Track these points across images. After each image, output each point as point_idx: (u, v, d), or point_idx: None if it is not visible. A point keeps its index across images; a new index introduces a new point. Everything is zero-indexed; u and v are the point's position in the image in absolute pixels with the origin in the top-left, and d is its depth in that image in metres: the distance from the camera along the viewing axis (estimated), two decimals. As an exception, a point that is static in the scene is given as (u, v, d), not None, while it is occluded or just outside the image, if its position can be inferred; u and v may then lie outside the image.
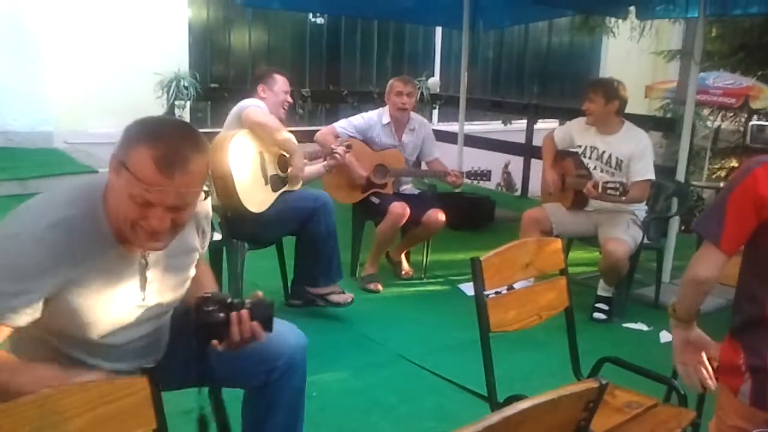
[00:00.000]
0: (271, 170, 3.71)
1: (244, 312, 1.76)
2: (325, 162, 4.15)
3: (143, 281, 1.74)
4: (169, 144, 1.54)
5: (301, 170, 3.79)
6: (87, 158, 7.20)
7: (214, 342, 1.76)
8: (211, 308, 1.76)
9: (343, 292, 3.91)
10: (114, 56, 7.56)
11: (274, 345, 1.94)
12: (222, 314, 1.77)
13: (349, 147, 4.28)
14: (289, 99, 3.97)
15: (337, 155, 4.12)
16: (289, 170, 3.77)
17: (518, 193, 8.38)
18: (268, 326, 1.82)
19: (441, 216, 4.47)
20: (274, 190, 3.71)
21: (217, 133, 3.78)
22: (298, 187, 3.85)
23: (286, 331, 2.03)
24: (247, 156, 3.58)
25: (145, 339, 1.84)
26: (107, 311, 1.68)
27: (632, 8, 6.28)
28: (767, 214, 1.62)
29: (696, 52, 4.63)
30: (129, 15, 7.63)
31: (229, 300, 1.79)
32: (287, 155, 3.75)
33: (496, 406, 2.09)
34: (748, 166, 1.66)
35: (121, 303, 1.71)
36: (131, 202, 1.54)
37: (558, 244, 2.36)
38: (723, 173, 10.15)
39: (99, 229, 1.62)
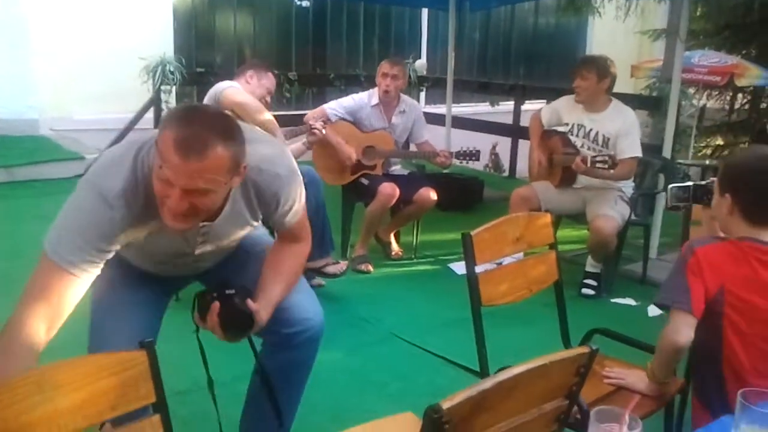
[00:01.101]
0: None
1: (215, 305, 1.86)
2: (305, 140, 4.18)
3: (194, 243, 1.93)
4: (193, 129, 1.60)
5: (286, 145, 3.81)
6: (73, 144, 7.17)
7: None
8: (214, 289, 1.88)
9: (337, 262, 3.95)
10: (99, 42, 7.51)
11: (305, 312, 2.11)
12: (210, 297, 1.87)
13: (325, 122, 4.30)
14: (268, 99, 3.98)
15: (315, 131, 4.14)
16: None
17: (506, 174, 8.41)
18: (230, 330, 1.89)
19: (432, 194, 4.49)
20: None
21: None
22: None
23: (316, 306, 2.17)
24: None
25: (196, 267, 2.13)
26: (160, 256, 2.01)
27: (618, -13, 6.29)
28: (710, 295, 1.82)
29: (681, 31, 4.66)
30: (113, 0, 7.57)
31: (227, 290, 1.88)
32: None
33: (488, 378, 2.12)
34: (691, 245, 1.87)
35: (173, 255, 1.98)
36: (157, 178, 1.64)
37: (547, 218, 2.39)
38: (708, 151, 10.24)
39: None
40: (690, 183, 2.17)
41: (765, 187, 1.84)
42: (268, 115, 3.72)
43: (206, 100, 3.78)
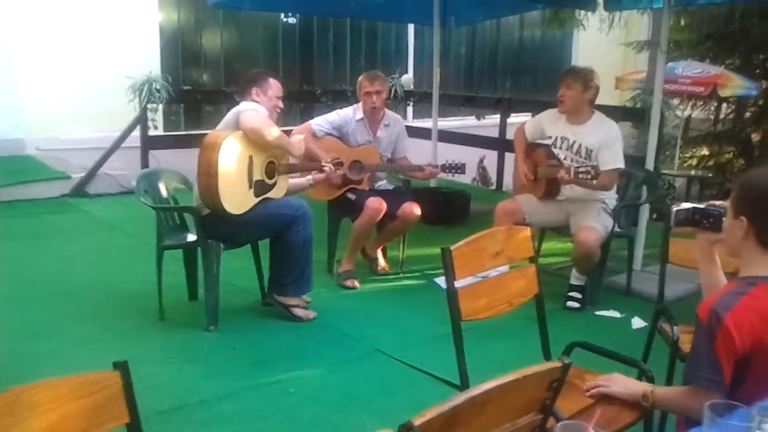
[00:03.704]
0: (257, 175, 3.70)
1: None
2: (311, 177, 4.16)
3: None
4: None
5: (301, 151, 3.83)
6: (60, 164, 7.16)
7: None
8: None
9: (306, 308, 3.94)
10: (85, 61, 7.52)
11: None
12: None
13: (339, 164, 4.30)
14: (281, 104, 3.93)
15: (325, 168, 4.14)
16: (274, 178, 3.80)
17: (494, 187, 8.44)
18: None
19: (416, 209, 4.50)
20: (256, 195, 3.70)
21: (191, 135, 3.78)
22: (281, 195, 3.85)
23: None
24: (237, 158, 3.58)
25: None
26: None
27: (600, 0, 6.35)
28: (739, 357, 1.72)
29: (662, 42, 4.71)
30: (99, 20, 7.59)
31: None
32: (276, 162, 3.76)
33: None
34: (716, 314, 1.71)
35: None
36: None
37: (527, 232, 2.40)
38: (694, 161, 10.30)
39: None
40: (691, 205, 2.10)
41: None
42: (275, 131, 3.66)
43: (229, 116, 3.73)
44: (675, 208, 2.06)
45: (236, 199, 3.59)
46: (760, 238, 1.78)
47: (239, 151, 3.58)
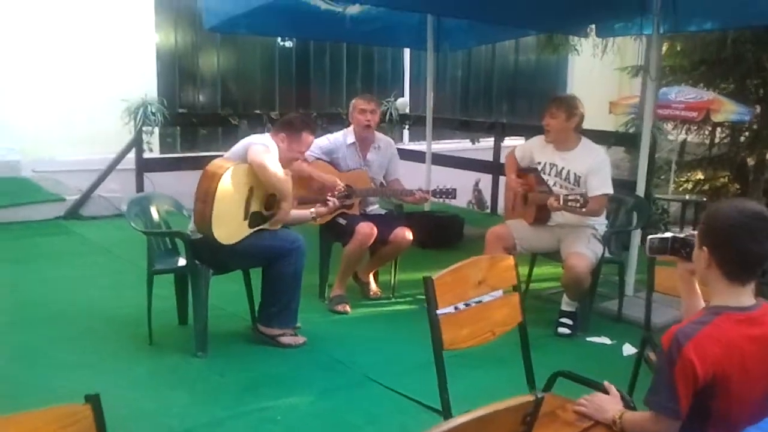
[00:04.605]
0: (255, 207, 3.70)
1: None
2: (314, 209, 4.16)
3: None
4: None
5: (287, 214, 3.79)
6: (55, 186, 7.18)
7: None
8: None
9: (295, 334, 3.92)
10: (82, 84, 7.56)
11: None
12: None
13: (347, 197, 4.33)
14: (300, 158, 3.97)
15: (329, 202, 4.16)
16: (275, 210, 3.77)
17: (488, 210, 8.46)
18: None
19: (408, 234, 4.51)
20: (251, 226, 3.70)
21: (187, 158, 3.79)
22: (278, 227, 3.85)
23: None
24: (236, 189, 3.58)
25: None
26: None
27: (592, 27, 6.41)
28: (700, 386, 1.75)
29: (651, 69, 4.75)
30: (96, 42, 7.65)
31: None
32: (277, 197, 3.76)
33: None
34: (678, 341, 1.74)
35: None
36: None
37: (510, 261, 2.41)
38: (689, 185, 10.32)
39: None
40: (669, 234, 2.12)
41: (744, 245, 1.76)
42: (280, 174, 3.64)
43: (239, 147, 3.74)
44: (649, 237, 2.09)
45: (229, 229, 3.59)
46: (722, 269, 1.81)
47: (239, 182, 3.59)
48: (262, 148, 3.65)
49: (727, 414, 1.78)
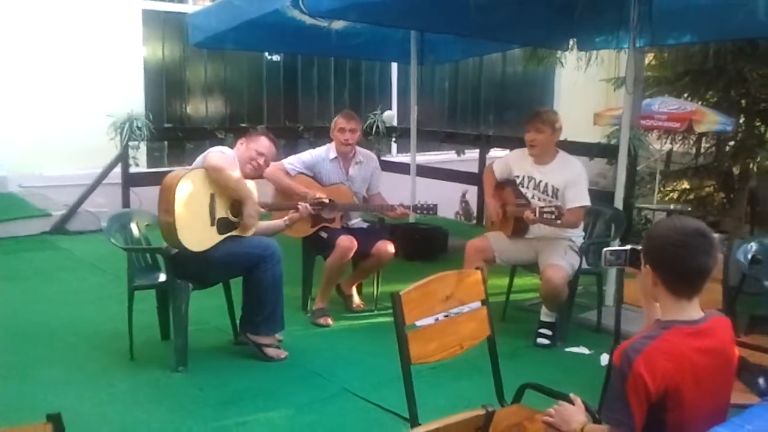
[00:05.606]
0: (221, 213, 3.74)
1: None
2: (287, 217, 4.21)
3: None
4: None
5: (253, 217, 3.79)
6: (42, 201, 7.19)
7: None
8: None
9: (278, 347, 3.95)
10: (68, 99, 7.59)
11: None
12: None
13: (321, 205, 4.37)
14: (260, 162, 3.94)
15: (300, 208, 4.21)
16: (241, 216, 3.81)
17: (474, 222, 8.51)
18: None
19: (390, 247, 4.55)
20: (220, 232, 3.74)
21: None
22: (249, 233, 3.87)
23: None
24: (195, 195, 3.63)
25: None
26: None
27: (574, 40, 6.48)
28: (653, 400, 1.80)
29: (628, 82, 4.82)
30: (83, 56, 7.68)
31: None
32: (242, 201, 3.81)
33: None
34: (627, 357, 1.78)
35: None
36: None
37: (478, 275, 2.45)
38: (675, 195, 10.40)
39: None
40: (627, 247, 2.17)
41: (683, 262, 1.82)
42: (236, 175, 3.71)
43: (198, 159, 3.83)
44: (604, 249, 2.14)
45: (196, 236, 3.63)
46: (666, 286, 1.86)
47: (198, 188, 3.65)
48: (218, 153, 3.74)
49: (681, 425, 1.82)
